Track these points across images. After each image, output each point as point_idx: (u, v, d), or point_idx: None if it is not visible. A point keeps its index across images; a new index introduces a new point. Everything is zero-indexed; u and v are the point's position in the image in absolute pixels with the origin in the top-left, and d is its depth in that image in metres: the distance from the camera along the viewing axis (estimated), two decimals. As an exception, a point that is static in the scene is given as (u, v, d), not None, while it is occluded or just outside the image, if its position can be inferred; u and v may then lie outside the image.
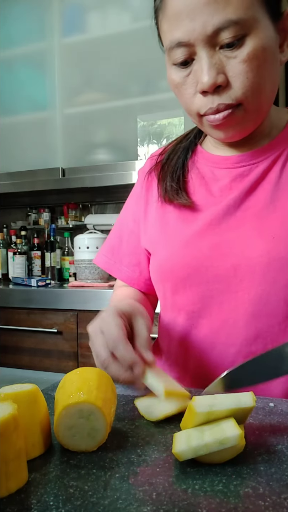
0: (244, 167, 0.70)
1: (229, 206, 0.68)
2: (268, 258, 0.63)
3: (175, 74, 0.64)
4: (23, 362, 1.94)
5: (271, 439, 0.46)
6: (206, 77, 0.59)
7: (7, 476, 0.37)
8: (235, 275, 0.66)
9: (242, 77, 0.59)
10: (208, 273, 0.67)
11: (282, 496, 0.36)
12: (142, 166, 0.86)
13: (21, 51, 2.24)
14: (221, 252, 0.67)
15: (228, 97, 0.61)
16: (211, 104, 0.61)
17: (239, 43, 0.58)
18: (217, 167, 0.72)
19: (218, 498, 0.36)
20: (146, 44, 2.05)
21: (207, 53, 0.59)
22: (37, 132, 2.23)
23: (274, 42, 0.61)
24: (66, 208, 2.41)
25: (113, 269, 0.85)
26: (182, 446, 0.41)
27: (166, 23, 0.62)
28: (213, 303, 0.68)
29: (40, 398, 0.46)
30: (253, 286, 0.65)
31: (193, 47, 0.60)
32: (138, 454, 0.44)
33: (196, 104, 0.63)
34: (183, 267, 0.69)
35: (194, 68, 0.61)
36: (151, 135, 2.05)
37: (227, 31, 0.57)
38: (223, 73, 0.60)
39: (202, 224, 0.69)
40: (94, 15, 2.10)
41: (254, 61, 0.59)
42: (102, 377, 0.49)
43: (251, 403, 0.44)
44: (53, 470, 0.41)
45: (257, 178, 0.68)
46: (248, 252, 0.65)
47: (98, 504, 0.35)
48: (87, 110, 2.13)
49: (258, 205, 0.67)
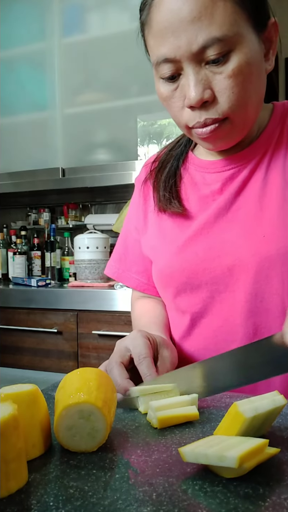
0: (233, 169, 0.71)
1: (220, 208, 0.70)
2: (260, 256, 0.65)
3: (163, 88, 0.65)
4: (23, 362, 1.94)
5: (271, 439, 0.46)
6: (193, 93, 0.60)
7: (7, 476, 0.37)
8: (231, 275, 0.68)
9: (228, 92, 0.60)
10: (206, 275, 0.69)
11: (282, 496, 0.36)
12: (138, 174, 0.88)
13: (22, 51, 2.24)
14: (215, 254, 0.69)
15: (214, 112, 0.62)
16: (198, 118, 0.63)
17: (224, 59, 0.59)
18: (207, 172, 0.74)
19: (218, 498, 0.36)
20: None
21: (193, 69, 0.60)
22: (37, 132, 2.23)
23: (259, 54, 0.63)
24: (66, 208, 2.41)
25: (123, 277, 0.87)
26: (189, 446, 0.41)
27: (152, 39, 0.63)
28: (213, 303, 0.70)
29: (40, 398, 0.46)
30: (248, 284, 0.67)
31: (179, 63, 0.60)
32: (138, 455, 0.44)
33: (184, 117, 0.64)
34: (182, 272, 0.71)
35: (181, 83, 0.62)
36: (151, 135, 2.05)
37: (212, 48, 0.58)
38: (209, 88, 0.60)
39: (196, 228, 0.71)
40: (94, 15, 2.10)
41: (240, 76, 0.60)
42: (102, 377, 0.49)
43: (284, 401, 0.45)
44: (53, 471, 0.41)
45: (245, 178, 0.70)
46: (240, 252, 0.67)
47: (98, 504, 0.35)
48: (87, 110, 2.13)
49: (247, 205, 0.69)
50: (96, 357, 1.81)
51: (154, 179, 0.79)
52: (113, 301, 1.79)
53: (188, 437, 0.48)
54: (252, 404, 0.44)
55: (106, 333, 1.80)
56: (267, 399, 0.45)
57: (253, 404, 0.43)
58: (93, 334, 1.82)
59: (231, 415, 0.43)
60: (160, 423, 0.50)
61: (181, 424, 0.51)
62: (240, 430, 0.42)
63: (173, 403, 0.53)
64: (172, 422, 0.51)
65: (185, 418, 0.51)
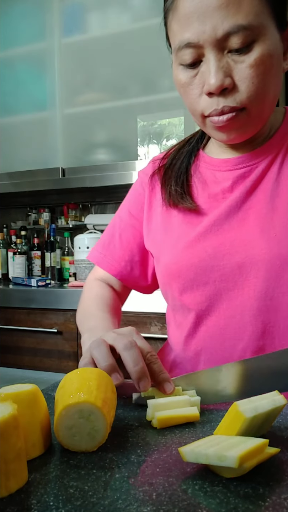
0: (245, 168, 0.71)
1: (231, 206, 0.70)
2: (271, 255, 0.65)
3: (182, 74, 0.65)
4: (23, 362, 1.94)
5: (271, 439, 0.46)
6: (214, 79, 0.60)
7: (7, 476, 0.37)
8: (240, 273, 0.67)
9: (248, 81, 0.61)
10: (214, 272, 0.69)
11: (282, 496, 0.36)
12: (144, 167, 0.87)
13: (22, 51, 2.24)
14: (225, 251, 0.68)
15: (233, 100, 0.62)
16: (216, 105, 0.63)
17: (247, 48, 0.60)
18: (219, 170, 0.74)
19: (218, 498, 0.36)
20: (146, 44, 2.05)
21: (215, 56, 0.60)
22: (37, 132, 2.23)
23: (280, 50, 0.63)
24: (66, 208, 2.41)
25: (104, 262, 0.85)
26: (189, 446, 0.41)
27: (176, 24, 0.63)
28: (221, 301, 0.70)
29: (40, 398, 0.46)
30: (258, 282, 0.66)
31: (201, 48, 0.61)
32: (138, 455, 0.44)
33: (201, 105, 0.64)
34: (190, 268, 0.70)
35: (201, 70, 0.63)
36: (151, 135, 2.05)
37: (236, 36, 0.59)
38: (229, 76, 0.61)
39: (206, 225, 0.71)
40: (94, 15, 2.10)
41: (261, 67, 0.60)
42: (102, 377, 0.49)
43: (284, 401, 0.45)
44: (53, 470, 0.41)
45: (257, 178, 0.70)
46: (251, 250, 0.67)
47: (98, 504, 0.35)
48: (87, 110, 2.13)
49: (259, 204, 0.69)
50: (96, 357, 1.80)
51: (164, 175, 0.79)
52: (113, 301, 1.79)
53: (188, 437, 0.48)
54: (252, 404, 0.44)
55: (106, 333, 1.79)
56: (267, 399, 0.45)
57: (253, 404, 0.43)
58: (93, 334, 1.82)
59: (231, 415, 0.43)
60: (159, 423, 0.50)
61: (181, 424, 0.51)
62: (240, 430, 0.42)
63: (173, 402, 0.53)
64: (172, 422, 0.51)
65: (185, 419, 0.51)
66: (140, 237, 0.83)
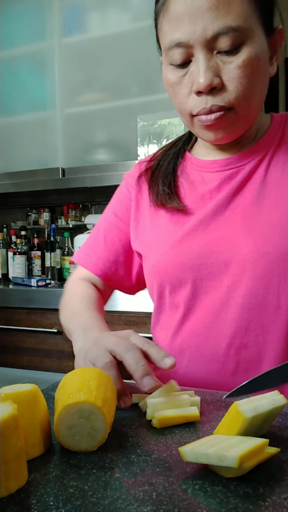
0: (232, 169, 0.73)
1: (218, 206, 0.71)
2: (257, 253, 0.67)
3: (171, 74, 0.66)
4: (23, 362, 1.94)
5: (271, 439, 0.46)
6: (203, 78, 0.62)
7: (7, 476, 0.37)
8: (226, 271, 0.69)
9: (236, 82, 0.62)
10: (201, 270, 0.70)
11: (282, 496, 0.36)
12: (130, 171, 0.89)
13: (22, 51, 2.24)
14: (212, 250, 0.70)
15: (221, 99, 0.63)
16: (204, 104, 0.64)
17: (236, 50, 0.61)
18: (206, 171, 0.75)
19: (218, 498, 0.36)
20: (146, 44, 2.04)
21: (205, 55, 0.62)
22: (37, 132, 2.23)
23: (266, 55, 0.65)
24: (66, 208, 2.41)
25: (88, 263, 0.85)
26: (189, 446, 0.41)
27: (167, 24, 0.64)
28: (207, 298, 0.71)
29: (40, 398, 0.46)
30: (243, 280, 0.68)
31: (191, 48, 0.62)
32: (138, 454, 0.44)
33: (190, 104, 0.66)
34: (177, 266, 0.72)
35: (190, 70, 0.64)
36: (151, 135, 2.05)
37: (225, 37, 0.60)
38: (218, 76, 0.63)
39: (193, 224, 0.72)
40: (94, 15, 2.10)
41: (248, 68, 0.62)
42: (102, 377, 0.49)
43: (284, 401, 0.45)
44: (53, 470, 0.41)
45: (244, 179, 0.71)
46: (237, 249, 0.68)
47: (98, 504, 0.35)
48: (87, 110, 2.13)
49: (245, 204, 0.70)
50: (96, 357, 1.80)
51: (151, 176, 0.80)
52: (113, 301, 1.79)
53: (188, 437, 0.48)
54: (252, 404, 0.44)
55: (106, 333, 1.79)
56: (267, 398, 0.45)
57: (253, 404, 0.43)
58: (93, 334, 1.82)
59: (231, 414, 0.43)
60: (159, 423, 0.50)
61: (181, 424, 0.51)
62: (240, 429, 0.42)
63: (173, 401, 0.52)
64: (172, 422, 0.51)
65: (185, 418, 0.51)
66: (125, 238, 0.84)
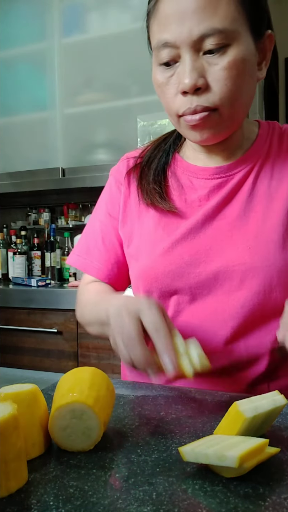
0: (221, 178, 0.73)
1: (207, 215, 0.72)
2: (245, 266, 0.68)
3: (160, 74, 0.67)
4: (23, 362, 1.94)
5: (271, 439, 0.46)
6: (188, 79, 0.62)
7: (7, 476, 0.37)
8: (215, 281, 0.70)
9: (221, 83, 0.63)
10: (191, 279, 0.71)
11: (282, 496, 0.36)
12: (116, 165, 0.86)
13: (21, 51, 2.24)
14: (201, 259, 0.71)
15: (206, 100, 0.64)
16: (189, 104, 0.64)
17: (222, 51, 0.62)
18: (195, 177, 0.75)
19: (218, 498, 0.36)
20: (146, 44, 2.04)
21: (191, 56, 0.63)
22: (37, 132, 2.23)
23: (254, 58, 0.66)
24: (66, 208, 2.41)
25: (90, 268, 0.84)
26: (189, 446, 0.41)
27: (156, 25, 0.66)
28: (195, 306, 0.72)
29: (40, 398, 0.46)
30: (231, 290, 0.69)
31: (178, 49, 0.63)
32: (138, 454, 0.44)
33: (177, 104, 0.66)
34: (168, 274, 0.72)
35: (177, 70, 0.65)
36: (151, 135, 2.05)
37: (211, 38, 0.61)
38: (203, 77, 0.63)
39: (183, 232, 0.72)
40: (94, 15, 2.10)
41: (234, 70, 0.62)
42: (96, 376, 0.49)
43: (284, 401, 0.45)
44: (53, 470, 0.41)
45: (232, 189, 0.72)
46: (225, 261, 0.69)
47: (98, 504, 0.35)
48: (87, 110, 2.13)
49: (233, 215, 0.71)
50: (96, 357, 1.81)
51: (140, 173, 0.79)
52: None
53: (188, 437, 0.48)
54: (252, 404, 0.44)
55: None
56: (267, 398, 0.45)
57: (253, 404, 0.43)
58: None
59: (231, 414, 0.43)
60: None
61: (181, 424, 0.51)
62: (240, 429, 0.42)
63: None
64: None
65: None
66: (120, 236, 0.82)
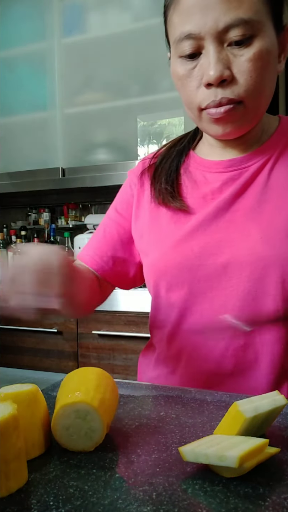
0: (235, 171, 0.72)
1: (219, 207, 0.71)
2: (256, 257, 0.66)
3: (181, 67, 0.66)
4: (23, 362, 1.94)
5: (271, 439, 0.46)
6: (213, 70, 0.62)
7: (7, 476, 0.37)
8: (225, 273, 0.69)
9: (246, 75, 0.62)
10: (200, 272, 0.70)
11: (282, 496, 0.36)
12: (134, 167, 0.87)
13: (21, 51, 2.24)
14: (211, 251, 0.70)
15: (231, 92, 0.63)
16: (214, 97, 0.63)
17: (247, 42, 0.61)
18: (209, 171, 0.75)
19: (218, 498, 0.36)
20: (146, 44, 2.05)
21: (216, 48, 0.62)
22: (37, 132, 2.23)
23: (276, 50, 0.65)
24: (66, 208, 2.41)
25: (86, 257, 0.83)
26: (189, 446, 0.41)
27: (177, 17, 0.64)
28: (205, 299, 0.71)
29: (40, 398, 0.46)
30: (241, 282, 0.68)
31: (202, 40, 0.62)
32: (138, 454, 0.44)
33: (199, 97, 0.65)
34: (176, 266, 0.72)
35: (200, 62, 0.64)
36: (151, 135, 2.05)
37: (237, 29, 0.60)
38: (228, 69, 0.62)
39: (194, 224, 0.72)
40: (94, 15, 2.10)
41: (259, 62, 0.62)
42: (102, 377, 0.49)
43: (284, 401, 0.45)
44: (53, 470, 0.41)
45: (246, 182, 0.71)
46: (236, 252, 0.68)
47: (98, 504, 0.35)
48: (87, 110, 2.13)
49: (247, 207, 0.70)
50: (96, 357, 1.81)
51: (154, 173, 0.80)
52: (113, 301, 1.79)
53: (188, 437, 0.48)
54: (252, 404, 0.44)
55: (106, 333, 1.79)
56: (267, 399, 0.45)
57: (253, 404, 0.43)
58: (93, 334, 1.82)
59: (231, 414, 0.43)
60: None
61: (181, 424, 0.51)
62: (240, 430, 0.42)
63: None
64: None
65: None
66: (124, 233, 0.83)
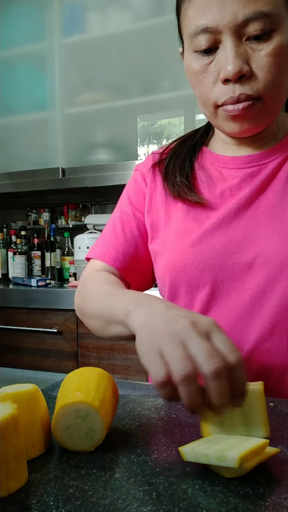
0: (254, 167, 0.70)
1: (240, 204, 0.68)
2: (282, 255, 0.64)
3: (196, 62, 0.63)
4: (23, 362, 1.94)
5: (271, 439, 0.46)
6: (231, 65, 0.59)
7: (7, 476, 0.37)
8: (250, 273, 0.66)
9: (266, 70, 0.60)
10: (223, 271, 0.67)
11: (282, 496, 0.36)
12: (142, 162, 0.84)
13: (21, 51, 2.24)
14: (234, 250, 0.67)
15: (249, 88, 0.61)
16: (232, 93, 0.61)
17: (266, 36, 0.59)
18: (225, 167, 0.72)
19: (218, 498, 0.36)
20: (146, 44, 2.05)
21: (234, 42, 0.60)
22: (37, 132, 2.23)
23: None
24: (66, 208, 2.41)
25: (107, 256, 0.76)
26: (189, 446, 0.41)
27: (193, 10, 0.62)
28: (228, 301, 0.68)
29: (40, 398, 0.46)
30: (267, 282, 0.65)
31: (219, 34, 0.60)
32: (138, 454, 0.44)
33: (215, 93, 0.63)
34: (197, 266, 0.68)
35: (217, 57, 0.61)
36: (151, 135, 2.05)
37: (256, 22, 0.58)
38: (247, 64, 0.60)
39: (214, 222, 0.69)
40: (94, 15, 2.10)
41: (278, 57, 0.60)
42: (103, 377, 0.49)
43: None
44: (53, 470, 0.41)
45: (266, 178, 0.69)
46: (262, 250, 0.65)
47: (98, 504, 0.35)
48: (87, 110, 2.13)
49: (268, 204, 0.67)
50: (96, 357, 1.81)
51: (166, 167, 0.76)
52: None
53: (188, 437, 0.48)
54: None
55: (106, 333, 1.79)
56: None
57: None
58: (93, 334, 1.82)
59: None
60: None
61: (181, 424, 0.51)
62: None
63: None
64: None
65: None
66: (143, 228, 0.78)
